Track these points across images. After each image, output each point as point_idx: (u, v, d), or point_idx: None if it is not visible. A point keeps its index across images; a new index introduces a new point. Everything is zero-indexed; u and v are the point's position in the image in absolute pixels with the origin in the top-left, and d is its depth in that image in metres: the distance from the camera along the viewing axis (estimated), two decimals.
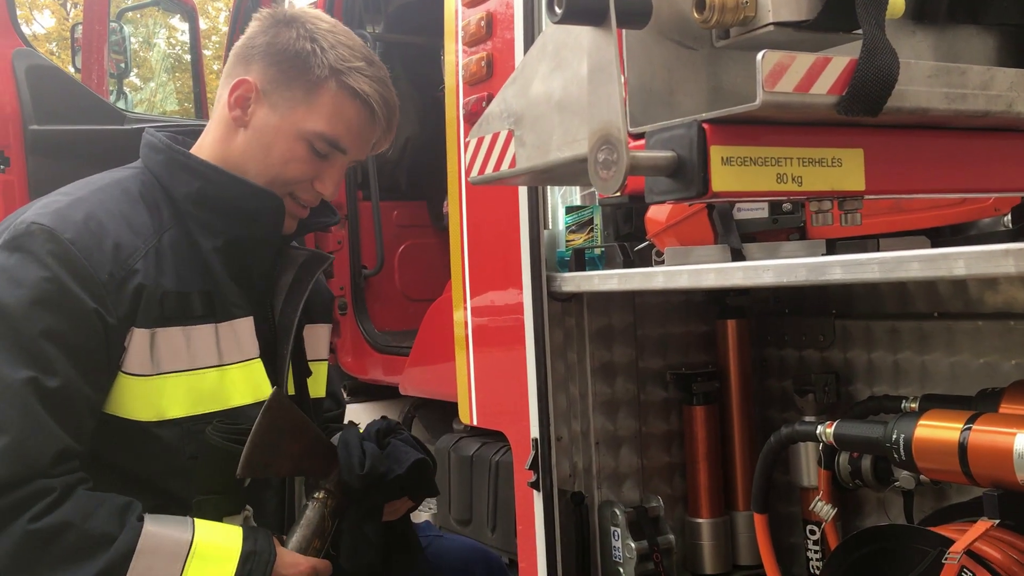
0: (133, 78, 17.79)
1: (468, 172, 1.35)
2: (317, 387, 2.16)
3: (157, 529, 1.67)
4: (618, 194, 0.99)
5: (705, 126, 1.01)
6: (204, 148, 1.96)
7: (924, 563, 1.58)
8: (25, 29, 18.16)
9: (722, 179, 0.99)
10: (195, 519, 1.75)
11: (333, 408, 2.34)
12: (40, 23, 20.37)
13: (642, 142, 1.06)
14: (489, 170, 1.28)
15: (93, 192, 1.84)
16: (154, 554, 1.65)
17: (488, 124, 1.27)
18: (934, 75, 1.06)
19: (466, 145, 1.38)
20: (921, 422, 1.63)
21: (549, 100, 1.15)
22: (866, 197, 1.12)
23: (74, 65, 5.09)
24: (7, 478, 1.58)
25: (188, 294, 1.81)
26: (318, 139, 1.90)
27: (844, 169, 1.07)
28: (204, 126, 2.01)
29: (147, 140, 1.95)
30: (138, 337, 1.74)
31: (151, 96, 17.67)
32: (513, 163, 1.23)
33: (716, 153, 0.99)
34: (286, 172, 1.91)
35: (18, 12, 4.00)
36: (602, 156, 0.99)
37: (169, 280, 1.79)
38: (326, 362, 2.22)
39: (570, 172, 1.15)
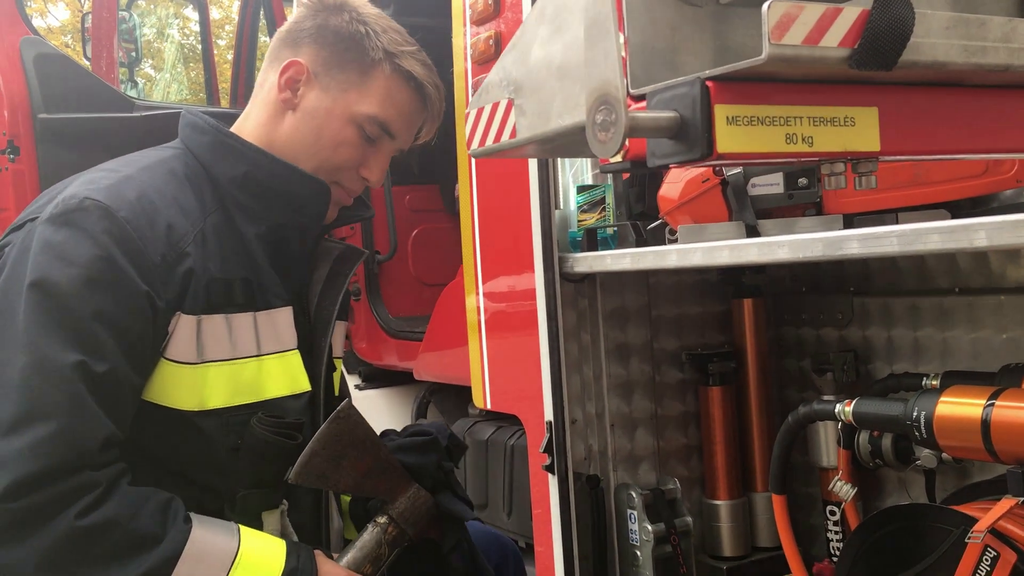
0: (148, 69, 17.81)
1: (468, 144, 1.31)
2: (336, 385, 2.14)
3: (204, 534, 1.63)
4: (618, 158, 0.95)
5: (709, 84, 0.96)
6: (247, 131, 1.92)
7: (947, 542, 1.55)
8: (39, 22, 18.22)
9: (727, 140, 0.94)
10: (241, 526, 1.71)
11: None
12: (55, 16, 20.44)
13: (644, 104, 1.02)
14: (489, 142, 1.24)
15: (141, 171, 1.79)
16: (199, 560, 1.60)
17: (487, 93, 1.23)
18: (952, 26, 1.01)
19: (466, 117, 1.33)
20: (942, 399, 1.59)
21: (549, 66, 1.10)
22: (881, 159, 1.07)
23: (85, 55, 5.08)
24: (55, 467, 1.52)
25: (231, 281, 1.77)
26: (369, 122, 1.88)
27: (857, 129, 1.02)
28: (231, 112, 1.99)
29: (190, 121, 1.91)
30: (184, 323, 1.70)
31: (166, 87, 17.68)
32: (514, 133, 1.18)
33: (721, 112, 0.94)
34: (335, 156, 1.89)
35: (33, 4, 3.98)
36: (600, 117, 0.95)
37: (215, 265, 1.75)
38: (341, 360, 2.20)
39: (573, 141, 1.10)
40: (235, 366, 1.76)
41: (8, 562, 1.53)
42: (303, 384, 1.87)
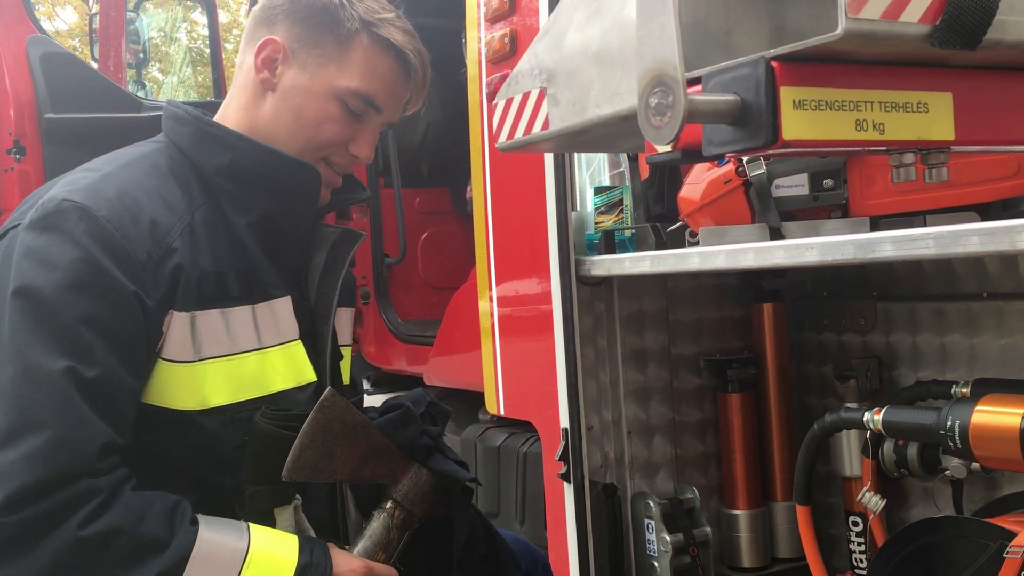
0: (156, 73, 17.82)
1: (495, 138, 1.24)
2: (344, 373, 2.08)
3: (212, 535, 1.58)
4: (667, 148, 0.88)
5: (774, 64, 0.89)
6: (229, 117, 1.87)
7: (983, 557, 1.49)
8: (48, 25, 18.23)
9: (794, 125, 0.86)
10: (250, 524, 1.67)
11: (351, 395, 2.24)
12: (63, 19, 20.46)
13: (696, 88, 0.96)
14: (519, 134, 1.17)
15: (122, 167, 1.74)
16: (208, 562, 1.56)
17: (517, 83, 1.15)
18: None
19: (492, 109, 1.27)
20: (978, 407, 1.54)
21: (586, 51, 1.03)
22: (954, 149, 1.01)
23: (93, 56, 5.05)
24: (51, 477, 1.48)
25: (224, 274, 1.71)
26: (352, 96, 1.81)
27: (931, 116, 0.95)
28: (216, 102, 1.93)
29: (172, 112, 1.86)
30: (178, 321, 1.65)
31: (173, 90, 17.67)
32: (546, 125, 1.11)
33: (786, 95, 0.87)
34: (320, 135, 1.82)
35: (41, 8, 3.95)
36: (654, 100, 0.87)
37: (205, 259, 1.70)
38: (350, 348, 2.15)
39: (609, 134, 1.04)
40: (235, 361, 1.71)
41: None
42: (308, 375, 1.83)
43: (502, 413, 2.51)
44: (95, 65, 4.87)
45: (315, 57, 1.81)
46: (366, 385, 4.49)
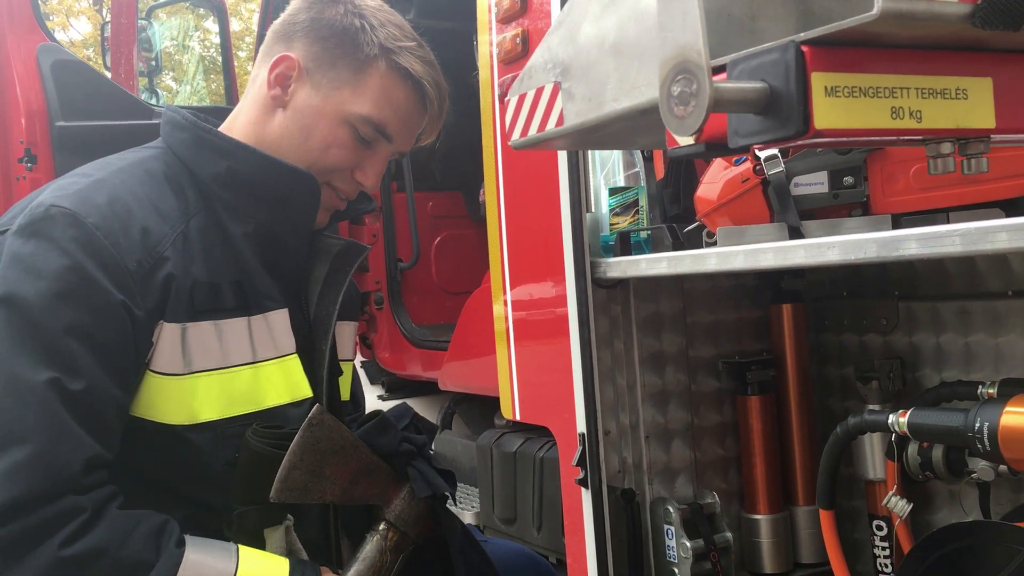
0: (169, 81, 17.89)
1: (508, 136, 1.21)
2: (343, 389, 2.04)
3: (199, 558, 1.54)
4: (690, 140, 0.85)
5: (804, 48, 0.85)
6: (236, 129, 1.83)
7: (1015, 563, 1.45)
8: (62, 36, 18.34)
9: (826, 113, 0.82)
10: (240, 546, 1.62)
11: (352, 411, 2.19)
12: (77, 29, 20.58)
13: (720, 76, 0.91)
14: (533, 131, 1.13)
15: (114, 173, 1.70)
16: None
17: (530, 78, 1.11)
18: None
19: (505, 105, 1.23)
20: (1008, 409, 1.50)
21: (602, 44, 0.99)
22: (994, 139, 0.97)
23: (106, 64, 5.05)
24: (33, 493, 1.43)
25: (219, 285, 1.67)
26: (363, 123, 1.77)
27: (970, 103, 0.90)
28: (223, 108, 1.91)
29: (169, 117, 1.82)
30: (168, 332, 1.60)
31: (186, 99, 17.74)
32: (561, 121, 1.08)
33: (818, 81, 0.83)
34: (326, 159, 1.79)
35: (55, 19, 3.95)
36: (677, 89, 0.83)
37: (199, 269, 1.65)
38: (351, 362, 2.10)
39: (627, 129, 1.00)
40: (227, 375, 1.67)
41: None
42: (304, 390, 1.78)
43: (518, 418, 2.48)
44: (108, 74, 4.87)
45: (330, 79, 1.77)
46: (381, 391, 4.48)
